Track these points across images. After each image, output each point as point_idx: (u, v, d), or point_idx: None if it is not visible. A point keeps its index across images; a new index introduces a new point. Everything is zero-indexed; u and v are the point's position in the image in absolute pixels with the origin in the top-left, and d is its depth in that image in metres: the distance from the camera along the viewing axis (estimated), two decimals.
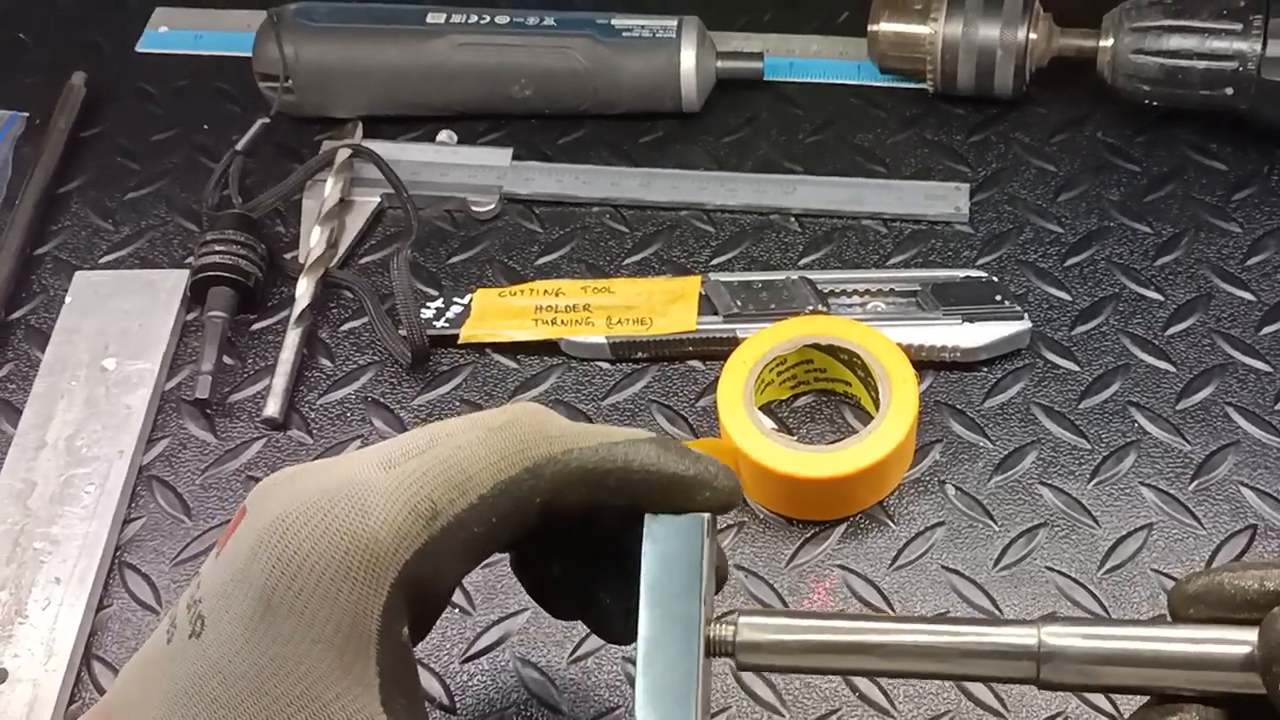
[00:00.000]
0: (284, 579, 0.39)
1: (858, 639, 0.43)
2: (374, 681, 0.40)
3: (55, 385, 0.67)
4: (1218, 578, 0.42)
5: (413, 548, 0.40)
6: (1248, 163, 0.73)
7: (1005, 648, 0.42)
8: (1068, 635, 0.42)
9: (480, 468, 0.42)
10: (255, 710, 0.38)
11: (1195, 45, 0.70)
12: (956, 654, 0.43)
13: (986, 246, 0.70)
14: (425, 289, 0.71)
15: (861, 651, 0.43)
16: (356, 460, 0.43)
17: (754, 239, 0.72)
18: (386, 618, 0.40)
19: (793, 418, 0.65)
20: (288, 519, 0.40)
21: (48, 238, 0.75)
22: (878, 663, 0.43)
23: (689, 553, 0.43)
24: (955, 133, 0.76)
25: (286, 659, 0.39)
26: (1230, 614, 0.41)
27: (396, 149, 0.75)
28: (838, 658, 0.43)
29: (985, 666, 0.43)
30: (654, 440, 0.45)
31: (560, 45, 0.75)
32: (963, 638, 0.43)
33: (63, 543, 0.62)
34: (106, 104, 0.81)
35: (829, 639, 0.43)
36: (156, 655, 0.41)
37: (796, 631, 0.43)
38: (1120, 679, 0.42)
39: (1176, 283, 0.68)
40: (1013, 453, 0.63)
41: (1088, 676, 0.42)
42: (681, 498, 0.44)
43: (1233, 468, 0.61)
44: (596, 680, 0.57)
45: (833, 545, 0.61)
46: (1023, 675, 0.42)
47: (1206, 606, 0.42)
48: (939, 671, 0.44)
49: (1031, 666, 0.42)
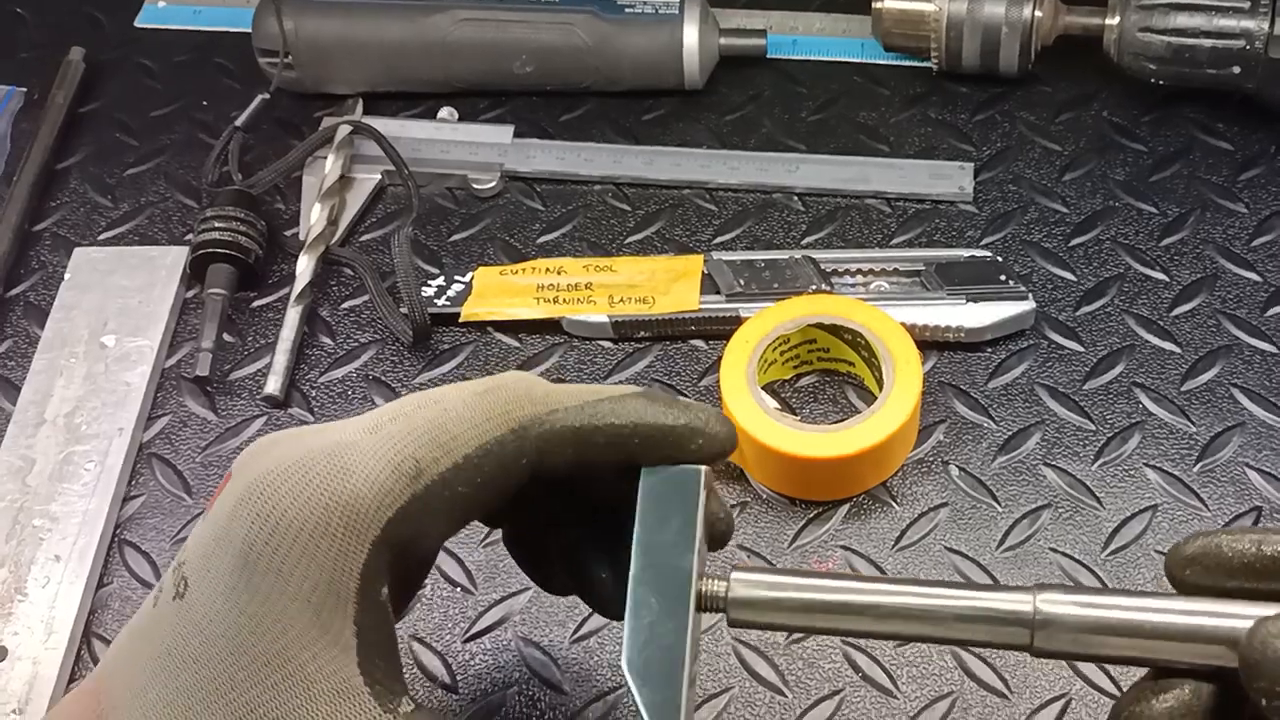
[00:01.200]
0: (263, 536, 0.39)
1: (851, 599, 0.43)
2: (351, 642, 0.40)
3: (54, 362, 0.67)
4: (1215, 540, 0.42)
5: (394, 505, 0.40)
6: (1254, 142, 0.72)
7: (1000, 613, 0.42)
8: (1063, 603, 0.42)
9: (465, 428, 0.42)
10: (233, 669, 0.39)
11: (1202, 23, 0.69)
12: (950, 618, 0.42)
13: (991, 226, 0.70)
14: (426, 267, 0.70)
15: (855, 612, 0.43)
16: (342, 425, 0.43)
17: (757, 218, 0.71)
18: (366, 577, 0.40)
19: (796, 397, 0.65)
20: (269, 478, 0.40)
21: (46, 214, 0.75)
22: (871, 624, 0.43)
23: (683, 505, 0.43)
24: (960, 111, 0.75)
25: (263, 617, 0.39)
26: (1226, 578, 0.41)
27: (397, 125, 0.75)
28: (831, 617, 0.43)
29: (979, 631, 0.42)
30: (641, 394, 0.44)
31: (562, 21, 0.74)
32: (958, 601, 0.42)
33: (62, 520, 0.62)
34: (105, 79, 0.81)
35: (823, 598, 0.43)
36: (144, 620, 0.41)
37: (790, 589, 0.43)
38: (1114, 649, 0.42)
39: (1182, 263, 0.68)
40: (1017, 433, 0.63)
41: (1082, 645, 0.42)
42: (674, 449, 0.44)
43: (1238, 449, 0.61)
44: (599, 660, 0.57)
45: (836, 525, 0.60)
46: (1017, 641, 0.42)
47: (1203, 569, 0.42)
48: (932, 635, 0.43)
49: (1026, 633, 0.42)
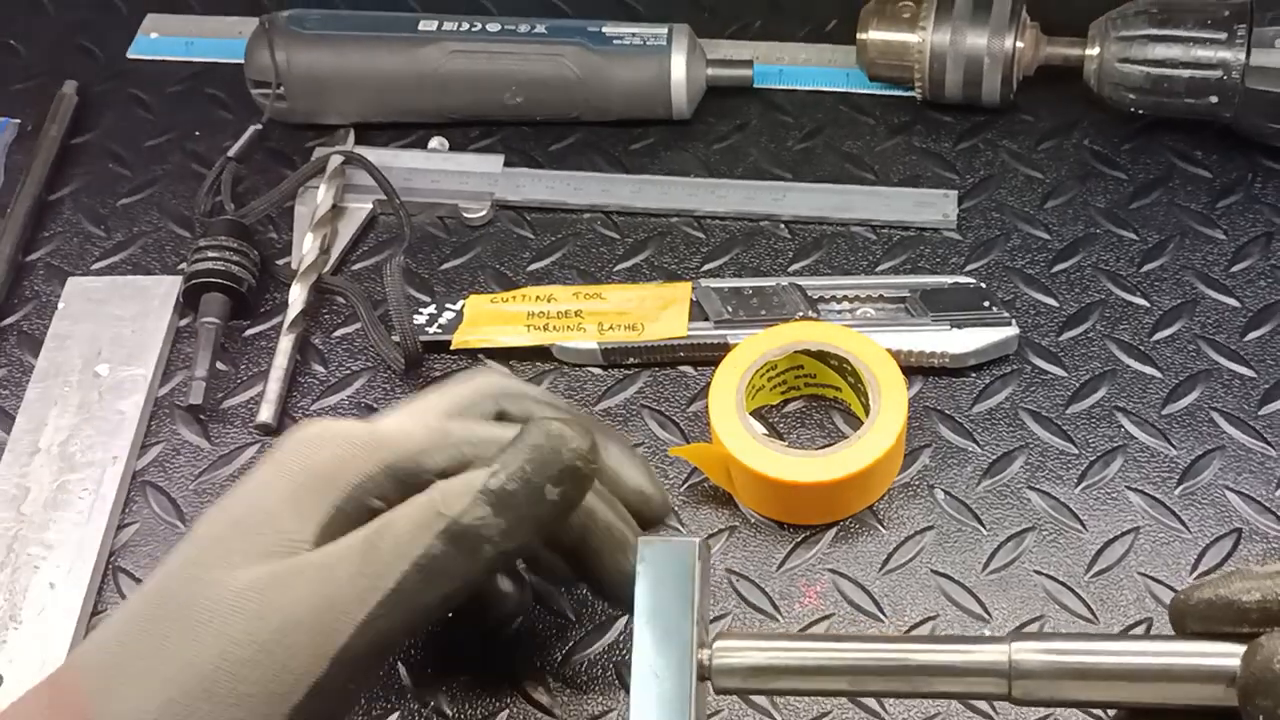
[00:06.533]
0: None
1: (825, 662, 0.43)
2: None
3: (48, 391, 0.68)
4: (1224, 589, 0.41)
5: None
6: (1232, 170, 0.73)
7: (976, 666, 0.42)
8: (1037, 651, 0.42)
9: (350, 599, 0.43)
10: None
11: (1180, 54, 0.70)
12: (927, 674, 0.43)
13: (974, 253, 0.71)
14: (418, 295, 0.71)
15: (830, 673, 0.43)
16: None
17: (744, 245, 0.72)
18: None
19: (783, 423, 0.65)
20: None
21: (40, 244, 0.75)
22: (850, 684, 0.44)
23: (681, 576, 0.44)
24: (943, 140, 0.76)
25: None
26: (1236, 625, 0.41)
27: (389, 155, 0.76)
28: (810, 679, 0.44)
29: (957, 685, 0.43)
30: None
31: (551, 53, 0.75)
32: (933, 657, 0.43)
33: (57, 548, 0.62)
34: (98, 110, 0.81)
35: (800, 663, 0.43)
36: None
37: (769, 655, 0.44)
38: (1092, 693, 0.42)
39: (1162, 289, 0.69)
40: (1001, 457, 0.63)
41: (1060, 692, 0.42)
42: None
43: (1218, 472, 0.62)
44: (588, 682, 0.57)
45: (823, 549, 0.61)
46: (995, 692, 0.42)
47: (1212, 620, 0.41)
48: (909, 691, 0.44)
49: (1003, 684, 0.42)
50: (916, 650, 0.43)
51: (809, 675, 0.43)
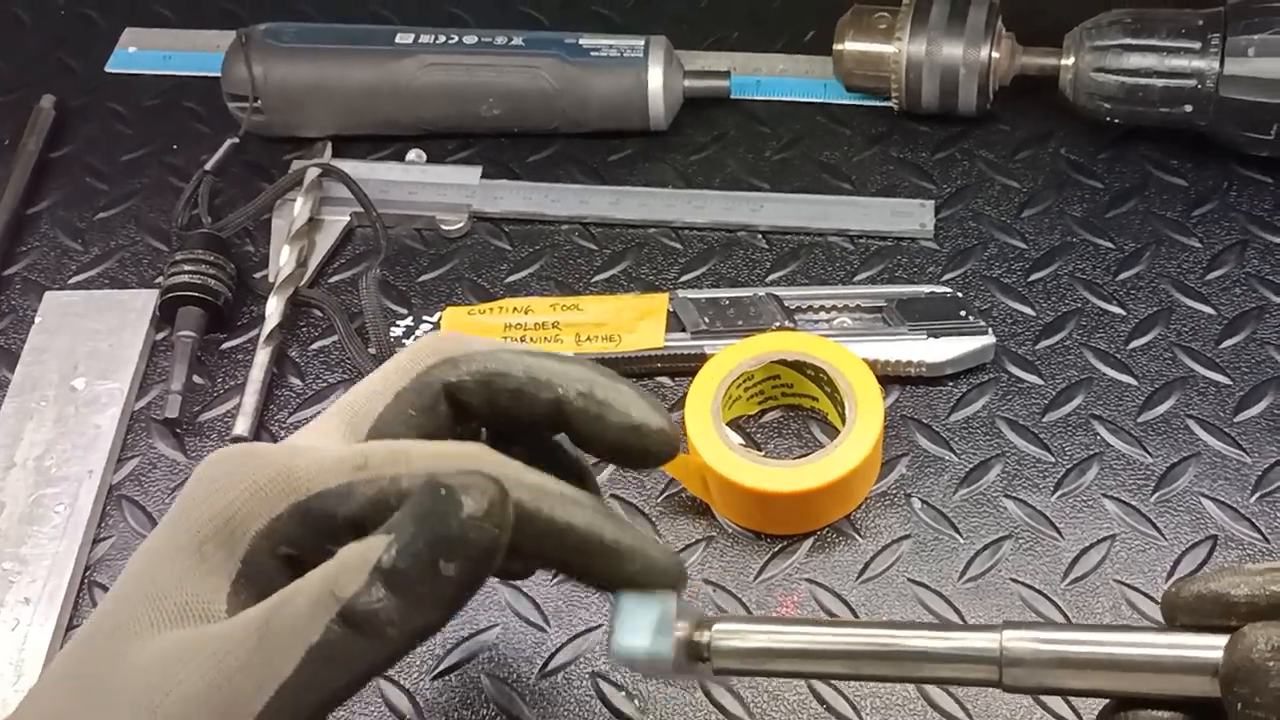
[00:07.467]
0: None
1: (822, 645, 0.44)
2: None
3: (24, 405, 0.67)
4: (1217, 584, 0.41)
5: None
6: (1207, 179, 0.74)
7: (968, 652, 0.43)
8: (1029, 639, 0.42)
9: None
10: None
11: (1154, 63, 0.71)
12: (919, 659, 0.43)
13: (951, 262, 0.71)
14: (395, 307, 0.71)
15: (826, 657, 0.44)
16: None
17: (721, 256, 0.72)
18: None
19: (760, 433, 0.65)
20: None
21: (17, 258, 0.75)
22: (846, 668, 0.44)
23: (660, 610, 0.44)
24: (920, 150, 0.76)
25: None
26: (1224, 619, 0.41)
27: (365, 168, 0.76)
28: (803, 662, 0.44)
29: (948, 670, 0.43)
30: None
31: (528, 65, 0.75)
32: (925, 642, 0.43)
33: (32, 563, 0.62)
34: (76, 124, 0.81)
35: (798, 646, 0.44)
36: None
37: (768, 638, 0.44)
38: (1082, 682, 0.43)
39: (1138, 297, 0.69)
40: (977, 466, 0.63)
41: (1049, 679, 0.43)
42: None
43: (1193, 479, 0.62)
44: (566, 695, 0.57)
45: (800, 559, 0.61)
46: (986, 678, 0.43)
47: (1202, 615, 0.41)
48: (902, 675, 0.44)
49: (994, 670, 0.42)
50: (911, 636, 0.43)
51: (807, 658, 0.44)
